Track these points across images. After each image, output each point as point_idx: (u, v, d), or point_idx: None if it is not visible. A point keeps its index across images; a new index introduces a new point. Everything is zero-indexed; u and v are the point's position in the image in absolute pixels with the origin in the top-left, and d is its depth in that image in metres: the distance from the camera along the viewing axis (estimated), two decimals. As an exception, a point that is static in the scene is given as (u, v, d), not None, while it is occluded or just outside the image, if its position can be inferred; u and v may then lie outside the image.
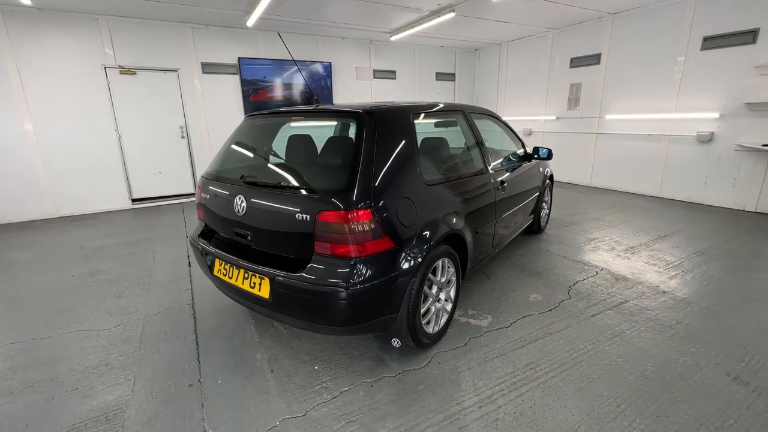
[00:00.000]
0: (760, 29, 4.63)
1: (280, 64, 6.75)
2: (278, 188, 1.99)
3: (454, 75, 8.91)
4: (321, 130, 2.54)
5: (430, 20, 5.90)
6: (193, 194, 6.68)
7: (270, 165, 2.38)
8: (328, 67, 7.23)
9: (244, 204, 2.02)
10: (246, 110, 6.65)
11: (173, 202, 6.45)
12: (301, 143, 2.36)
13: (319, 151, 2.32)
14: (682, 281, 3.03)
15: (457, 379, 1.98)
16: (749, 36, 4.74)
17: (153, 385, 2.00)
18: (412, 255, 1.89)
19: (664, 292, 2.85)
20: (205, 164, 6.57)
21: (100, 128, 5.73)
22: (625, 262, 3.42)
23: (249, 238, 2.04)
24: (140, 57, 5.82)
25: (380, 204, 1.79)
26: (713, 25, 5.03)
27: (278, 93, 6.90)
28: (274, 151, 2.43)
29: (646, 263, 3.38)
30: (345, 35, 7.20)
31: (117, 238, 4.54)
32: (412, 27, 6.40)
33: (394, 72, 8.12)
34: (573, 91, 6.99)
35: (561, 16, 6.20)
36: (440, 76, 8.73)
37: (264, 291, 1.92)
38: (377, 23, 6.32)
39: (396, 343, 2.02)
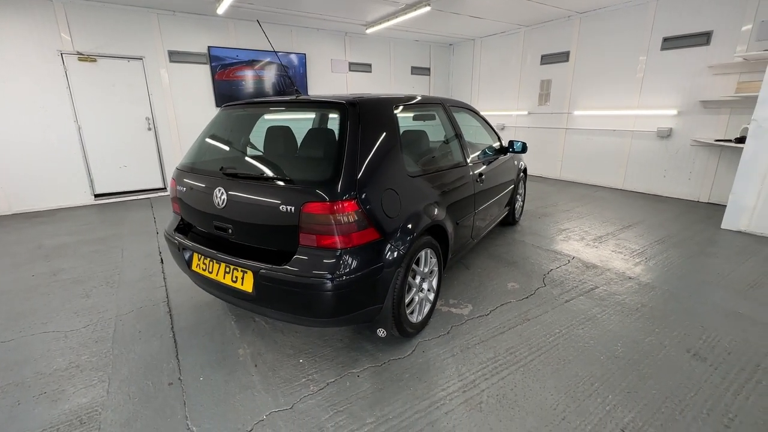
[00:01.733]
0: (713, 32, 4.95)
1: (253, 55, 6.56)
2: (260, 180, 1.95)
3: (429, 69, 8.97)
4: (300, 122, 2.51)
5: (405, 13, 5.90)
6: (163, 189, 6.41)
7: (249, 157, 2.32)
8: (302, 59, 7.10)
9: (224, 196, 1.96)
10: (218, 98, 6.43)
11: (141, 197, 6.16)
12: (280, 134, 2.31)
13: (299, 142, 2.29)
14: (645, 267, 3.22)
15: (441, 366, 2.03)
16: (704, 38, 5.06)
17: (130, 385, 1.93)
18: (396, 246, 1.91)
19: (630, 278, 3.02)
20: (174, 157, 6.31)
21: (58, 119, 5.36)
22: (594, 250, 3.60)
23: (230, 231, 1.99)
24: (101, 43, 5.48)
25: (365, 195, 1.79)
26: (672, 27, 5.32)
27: (249, 79, 6.70)
28: (252, 142, 2.37)
29: (613, 251, 3.57)
30: (320, 27, 7.09)
31: (80, 235, 4.29)
32: (388, 20, 6.38)
33: (370, 65, 8.07)
34: (543, 87, 7.22)
35: (532, 14, 6.37)
36: (415, 71, 8.77)
37: (247, 285, 1.88)
38: (353, 15, 6.26)
39: (381, 333, 2.04)
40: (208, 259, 2.05)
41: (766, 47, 4.37)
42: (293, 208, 1.75)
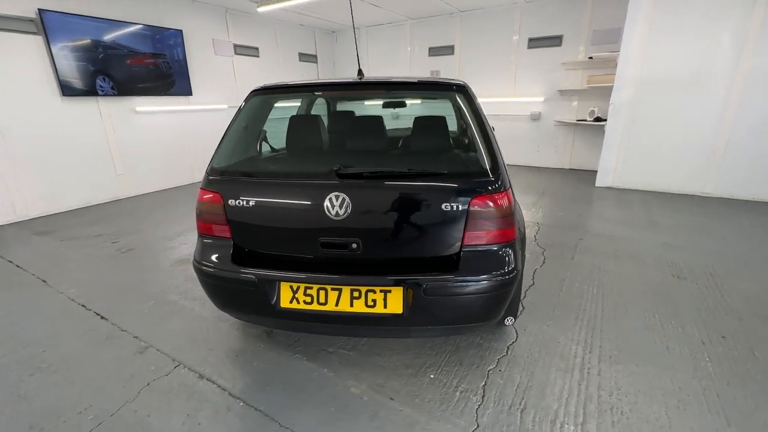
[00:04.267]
0: (564, 35, 6.39)
1: (108, 27, 4.94)
2: (400, 178, 1.61)
3: (316, 56, 8.58)
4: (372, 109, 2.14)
5: (314, -6, 5.47)
6: (-15, 219, 4.30)
7: (353, 151, 1.89)
8: (178, 36, 5.76)
9: (346, 204, 1.54)
10: (63, 85, 4.63)
11: (-53, 236, 3.99)
12: (373, 124, 1.92)
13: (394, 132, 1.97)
14: (548, 214, 4.29)
15: (552, 335, 2.16)
16: (557, 40, 6.47)
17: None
18: (521, 232, 1.90)
19: (537, 224, 3.92)
20: (11, 173, 4.29)
21: None
22: (526, 212, 4.43)
23: (354, 246, 1.59)
24: None
25: (510, 184, 1.71)
26: (534, 30, 6.60)
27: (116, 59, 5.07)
28: (336, 133, 1.91)
29: (527, 210, 4.48)
30: (194, -2, 5.88)
31: None
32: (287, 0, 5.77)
33: (257, 49, 7.18)
34: (434, 75, 7.90)
35: (421, 7, 6.79)
36: (303, 57, 8.25)
37: (393, 306, 1.57)
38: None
39: (509, 321, 2.02)
40: (317, 286, 1.60)
41: (602, 50, 5.92)
42: (459, 205, 1.53)
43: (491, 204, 1.56)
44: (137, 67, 5.32)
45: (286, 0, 5.83)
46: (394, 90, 2.13)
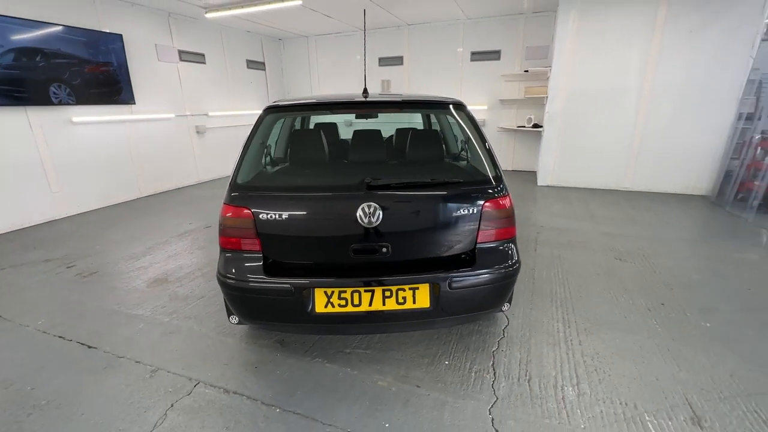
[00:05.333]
0: (502, 50, 7.08)
1: (36, 28, 4.46)
2: (424, 188, 1.82)
3: (264, 64, 8.43)
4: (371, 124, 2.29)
5: (270, 3, 5.46)
6: None
7: (376, 165, 2.08)
8: (118, 41, 5.36)
9: (378, 212, 1.70)
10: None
11: None
12: (372, 138, 2.09)
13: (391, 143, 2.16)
14: None
15: (534, 319, 2.50)
16: (496, 54, 7.15)
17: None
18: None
19: (541, 226, 4.33)
20: None
21: None
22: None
23: (384, 250, 1.75)
24: None
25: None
26: (476, 44, 7.22)
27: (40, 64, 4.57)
28: (348, 147, 2.05)
29: None
30: (134, 0, 5.51)
31: None
32: (242, 6, 5.68)
33: (203, 55, 6.89)
34: (384, 86, 8.21)
35: (368, 20, 7.05)
36: (251, 64, 8.07)
37: (422, 300, 1.77)
38: (199, -5, 5.24)
39: (506, 307, 2.29)
40: (351, 289, 1.73)
41: (535, 65, 6.68)
42: (474, 209, 1.77)
43: (499, 206, 1.82)
44: (73, 73, 4.86)
45: (237, 7, 5.74)
46: (407, 108, 2.36)
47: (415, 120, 4.12)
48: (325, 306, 1.74)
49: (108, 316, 2.62)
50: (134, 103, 5.67)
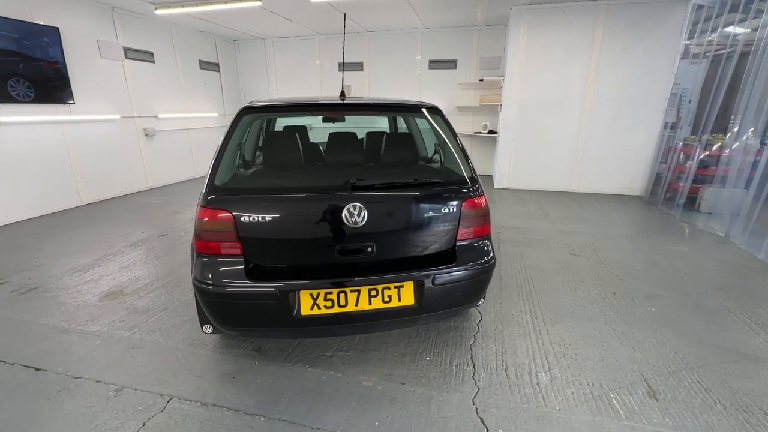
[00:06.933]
0: (458, 60, 7.40)
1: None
2: (406, 188, 1.85)
3: (218, 65, 8.09)
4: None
5: (227, 3, 5.28)
6: None
7: (358, 166, 2.11)
8: (54, 34, 4.90)
9: (363, 213, 1.71)
10: None
11: None
12: (347, 140, 2.10)
13: (365, 145, 2.18)
14: None
15: (504, 312, 2.64)
16: (452, 63, 7.46)
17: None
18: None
19: (502, 226, 4.56)
20: None
21: None
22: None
23: (369, 249, 1.77)
24: None
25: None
26: (434, 53, 7.48)
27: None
28: (322, 148, 2.04)
29: None
30: (72, -8, 5.09)
31: None
32: (197, 5, 5.44)
33: (152, 54, 6.49)
34: (346, 91, 8.21)
35: (327, 25, 7.05)
36: (204, 65, 7.71)
37: (406, 298, 1.81)
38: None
39: (481, 302, 2.40)
40: (337, 290, 1.73)
41: (489, 74, 7.05)
42: (454, 208, 1.85)
43: (476, 205, 1.92)
44: None
45: (191, 5, 5.50)
46: (386, 110, 2.40)
47: (380, 124, 4.18)
48: (311, 308, 1.72)
49: (57, 335, 2.38)
50: (73, 102, 5.20)
